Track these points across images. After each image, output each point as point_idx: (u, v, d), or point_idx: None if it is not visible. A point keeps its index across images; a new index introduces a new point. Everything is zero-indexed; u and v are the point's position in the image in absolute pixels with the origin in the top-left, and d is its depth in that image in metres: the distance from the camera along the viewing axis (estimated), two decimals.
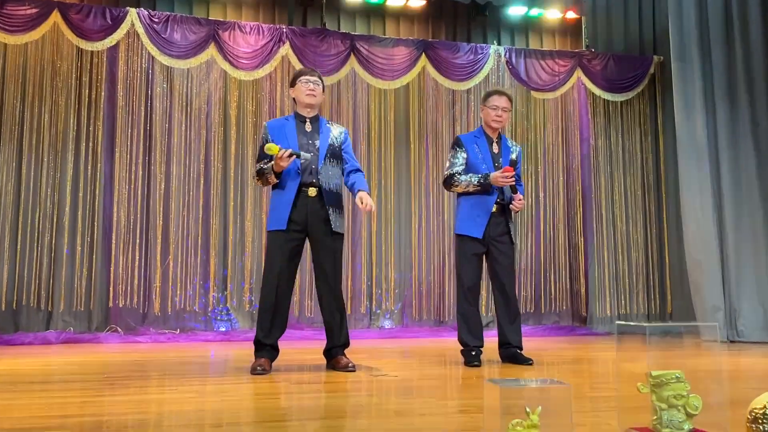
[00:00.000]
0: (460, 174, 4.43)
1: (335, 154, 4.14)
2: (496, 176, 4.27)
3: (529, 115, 7.97)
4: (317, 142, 4.09)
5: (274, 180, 3.99)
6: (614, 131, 8.07)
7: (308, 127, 4.13)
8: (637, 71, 8.02)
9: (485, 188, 4.34)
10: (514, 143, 4.64)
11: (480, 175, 4.36)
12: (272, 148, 3.84)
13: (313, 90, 4.12)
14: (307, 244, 4.13)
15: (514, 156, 4.53)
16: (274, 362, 4.03)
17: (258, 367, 3.84)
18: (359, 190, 4.08)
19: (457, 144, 4.53)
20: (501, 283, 4.42)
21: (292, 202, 3.97)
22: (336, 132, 4.20)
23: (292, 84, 4.20)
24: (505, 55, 7.76)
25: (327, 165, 4.07)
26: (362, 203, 4.01)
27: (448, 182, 4.49)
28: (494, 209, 4.36)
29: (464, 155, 4.46)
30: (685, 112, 6.76)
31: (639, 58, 8.11)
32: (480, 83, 7.65)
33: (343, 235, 4.15)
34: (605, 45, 8.16)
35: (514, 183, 4.27)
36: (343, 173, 4.21)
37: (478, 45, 7.74)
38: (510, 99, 4.54)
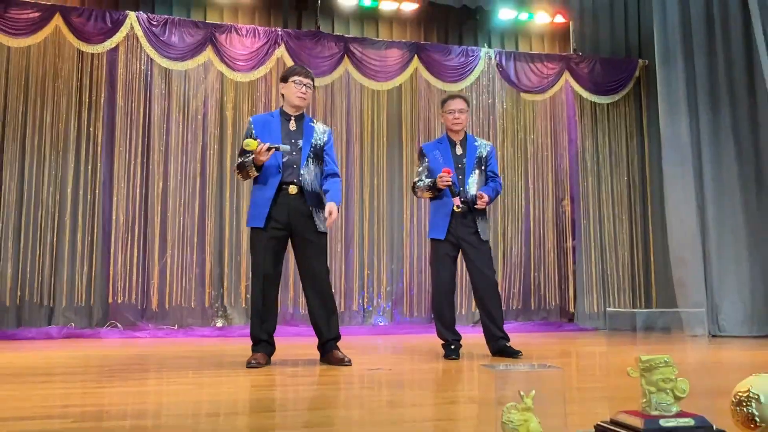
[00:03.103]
0: (420, 181, 4.53)
1: (317, 154, 4.09)
2: (437, 179, 4.33)
3: (519, 116, 7.97)
4: (300, 142, 4.04)
5: (254, 173, 3.92)
6: (601, 133, 8.09)
7: (292, 125, 4.09)
8: (623, 74, 8.04)
9: (434, 191, 4.41)
10: (484, 142, 4.67)
11: (429, 180, 4.46)
12: (251, 143, 3.82)
13: (304, 93, 4.08)
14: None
15: (485, 153, 4.57)
16: (273, 357, 4.02)
17: (252, 361, 3.82)
18: (330, 202, 3.98)
19: (419, 154, 4.68)
20: (476, 280, 4.46)
21: (272, 199, 3.93)
22: (319, 131, 4.15)
23: (284, 80, 4.12)
24: (495, 57, 7.77)
25: (309, 165, 4.02)
26: (329, 215, 3.93)
27: (413, 189, 4.64)
28: (457, 210, 4.34)
29: (426, 163, 4.56)
30: (670, 114, 6.80)
31: (625, 61, 8.13)
32: (471, 84, 7.66)
33: (326, 234, 4.11)
34: (592, 48, 8.18)
35: (450, 184, 4.25)
36: (321, 174, 4.17)
37: (469, 47, 7.74)
38: (465, 100, 4.61)
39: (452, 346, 4.39)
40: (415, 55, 7.48)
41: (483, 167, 4.54)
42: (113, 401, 2.70)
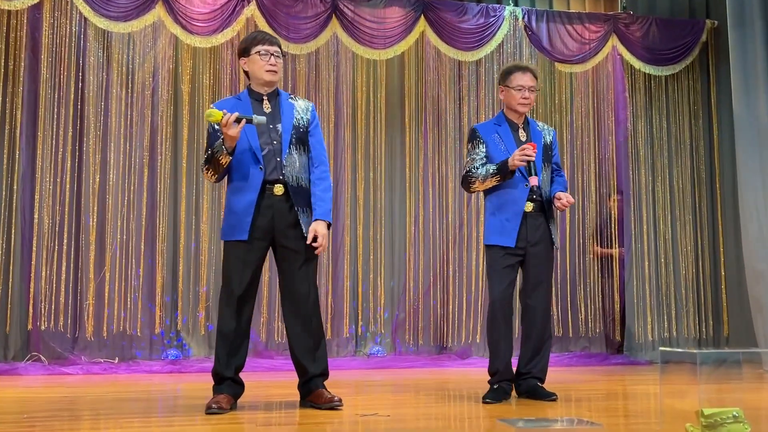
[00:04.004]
0: (477, 169, 4.47)
1: (301, 138, 4.13)
2: (513, 156, 4.28)
3: (553, 92, 7.97)
4: (279, 127, 4.08)
5: (227, 159, 3.92)
6: (657, 112, 8.09)
7: (266, 107, 4.13)
8: (686, 39, 8.03)
9: (505, 177, 4.36)
10: (545, 126, 4.73)
11: (497, 163, 4.40)
12: (214, 113, 3.81)
13: (274, 65, 4.11)
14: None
15: (549, 140, 4.62)
16: (239, 399, 4.03)
17: (213, 405, 3.81)
18: (317, 219, 4.03)
19: (473, 137, 4.60)
20: (529, 297, 4.47)
21: (255, 204, 3.96)
22: (301, 110, 4.19)
23: (245, 53, 4.14)
24: (523, 18, 7.76)
25: (292, 154, 4.06)
26: (315, 241, 3.98)
27: (466, 182, 4.56)
28: (529, 208, 4.39)
29: (483, 148, 4.52)
30: (745, 88, 6.79)
31: (688, 22, 8.13)
32: (492, 52, 7.65)
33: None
34: (646, 7, 8.18)
35: (532, 159, 4.25)
36: (308, 163, 4.18)
37: (489, 6, 7.73)
38: (536, 75, 4.62)
39: (495, 386, 4.35)
40: (422, 15, 7.46)
41: (549, 158, 4.59)
42: None
